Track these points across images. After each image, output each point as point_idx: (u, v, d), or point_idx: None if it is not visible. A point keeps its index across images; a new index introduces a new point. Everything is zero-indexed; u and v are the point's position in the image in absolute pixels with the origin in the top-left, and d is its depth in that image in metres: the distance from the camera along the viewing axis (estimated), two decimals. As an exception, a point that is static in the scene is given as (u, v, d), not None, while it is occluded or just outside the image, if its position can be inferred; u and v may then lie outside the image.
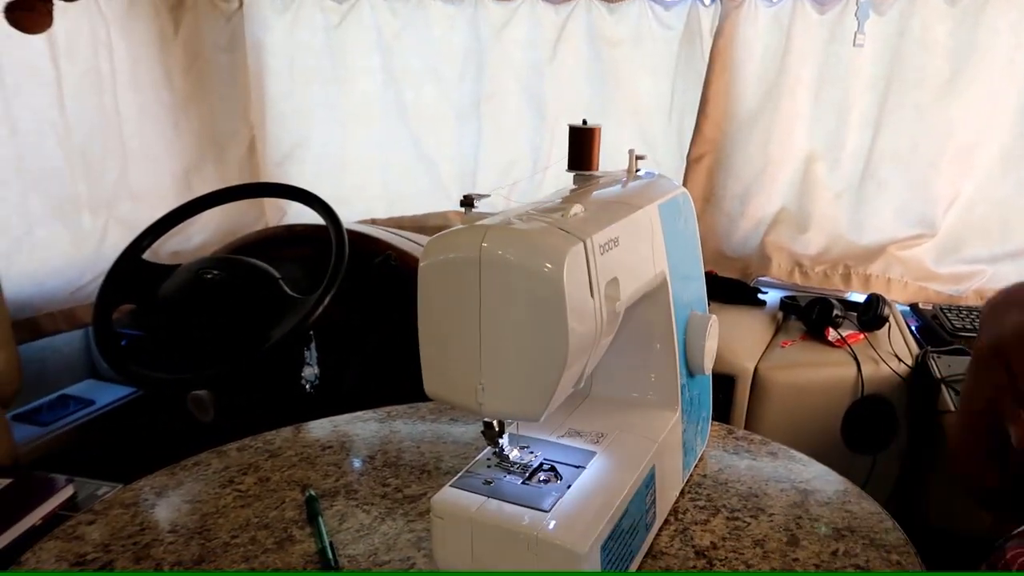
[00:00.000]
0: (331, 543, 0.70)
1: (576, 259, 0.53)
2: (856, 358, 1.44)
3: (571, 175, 0.72)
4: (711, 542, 0.70)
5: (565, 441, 0.72)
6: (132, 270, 1.26)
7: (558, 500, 0.62)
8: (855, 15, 1.62)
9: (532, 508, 0.61)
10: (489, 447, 0.66)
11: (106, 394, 1.94)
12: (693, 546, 0.69)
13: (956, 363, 1.35)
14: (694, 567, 0.67)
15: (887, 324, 1.56)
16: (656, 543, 0.69)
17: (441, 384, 0.57)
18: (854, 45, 1.63)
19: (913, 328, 1.63)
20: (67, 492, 1.26)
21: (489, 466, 0.67)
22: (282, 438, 0.93)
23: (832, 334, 1.53)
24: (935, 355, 1.40)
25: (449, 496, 0.63)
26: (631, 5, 1.81)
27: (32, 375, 1.78)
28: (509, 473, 0.66)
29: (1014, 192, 1.63)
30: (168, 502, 0.80)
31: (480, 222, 0.56)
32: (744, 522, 0.73)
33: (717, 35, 1.72)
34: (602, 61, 1.86)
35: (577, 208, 0.58)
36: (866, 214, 1.74)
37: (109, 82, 1.78)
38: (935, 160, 1.66)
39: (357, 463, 0.87)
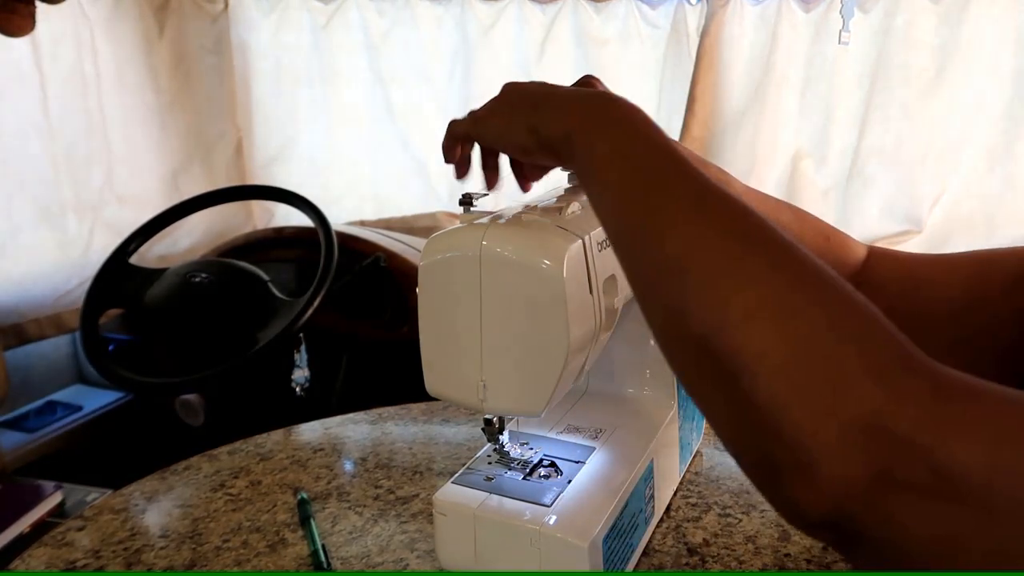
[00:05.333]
0: (323, 545, 0.70)
1: (575, 256, 0.53)
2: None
3: (562, 174, 0.72)
4: (703, 539, 0.70)
5: (564, 437, 0.72)
6: (119, 274, 1.25)
7: (559, 495, 0.62)
8: (840, 13, 1.63)
9: (534, 503, 0.61)
10: (489, 444, 0.67)
11: (94, 399, 1.93)
12: (686, 543, 0.69)
13: (944, 358, 1.36)
14: (687, 564, 0.67)
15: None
16: (649, 541, 0.70)
17: (442, 382, 0.58)
18: (839, 43, 1.64)
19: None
20: (56, 499, 1.26)
21: (490, 463, 0.67)
22: (273, 441, 0.93)
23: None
24: (923, 350, 1.41)
25: (451, 493, 0.63)
26: (618, 4, 1.81)
27: (19, 381, 1.77)
28: (510, 469, 0.66)
29: (999, 188, 1.65)
30: (159, 507, 0.79)
31: (479, 220, 0.56)
32: (736, 518, 0.73)
33: (703, 34, 1.73)
34: (589, 60, 1.86)
35: (575, 206, 0.59)
36: (853, 211, 1.76)
37: (94, 84, 1.77)
38: (921, 157, 1.67)
39: (349, 465, 0.87)
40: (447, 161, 0.56)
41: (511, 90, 0.51)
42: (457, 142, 0.54)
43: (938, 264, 0.60)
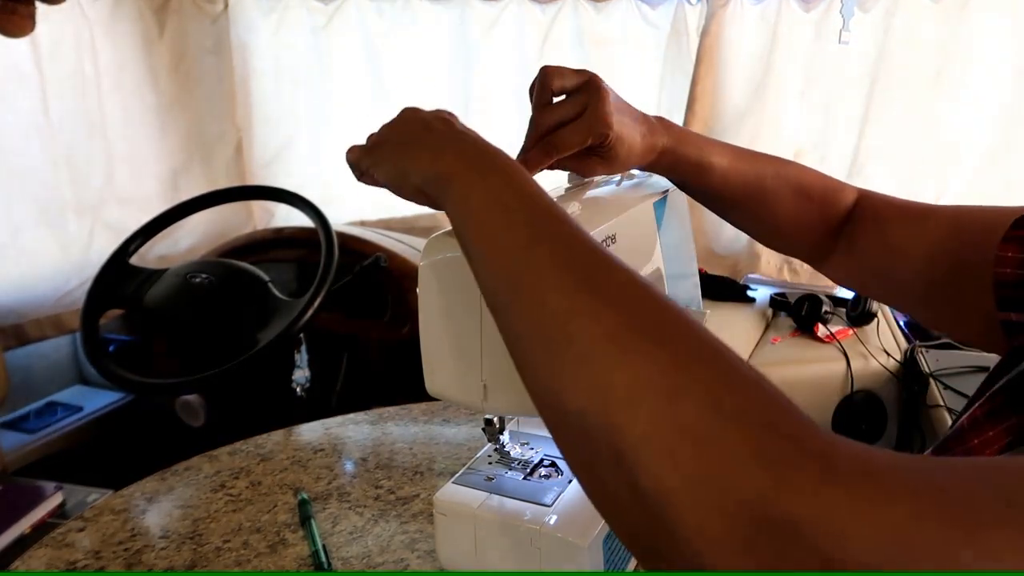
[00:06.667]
0: (324, 546, 0.70)
1: None
2: (845, 354, 1.44)
3: (562, 174, 0.72)
4: (705, 539, 0.70)
5: None
6: (120, 275, 1.25)
7: (559, 495, 0.62)
8: (840, 12, 1.63)
9: (534, 503, 0.61)
10: (490, 444, 0.67)
11: (95, 400, 1.93)
12: (687, 543, 0.69)
13: (944, 357, 1.36)
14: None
15: (875, 319, 1.57)
16: (650, 541, 0.70)
17: (443, 382, 0.58)
18: (839, 42, 1.64)
19: (901, 323, 1.65)
20: (56, 499, 1.26)
21: (491, 463, 0.68)
22: (273, 441, 0.93)
23: (821, 330, 1.54)
24: (923, 349, 1.41)
25: (452, 493, 0.63)
26: (618, 4, 1.81)
27: (19, 382, 1.77)
28: (510, 469, 0.66)
29: (1000, 187, 1.65)
30: (159, 508, 0.79)
31: None
32: (737, 518, 0.73)
33: (704, 34, 1.73)
34: (589, 60, 1.86)
35: (574, 206, 0.59)
36: (853, 210, 1.76)
37: (94, 85, 1.77)
38: (921, 156, 1.67)
39: (349, 465, 0.87)
40: (362, 183, 0.55)
41: (405, 123, 0.50)
42: (355, 168, 0.54)
43: (915, 222, 0.59)
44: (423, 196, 0.46)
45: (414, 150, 0.46)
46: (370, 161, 0.51)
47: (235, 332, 1.21)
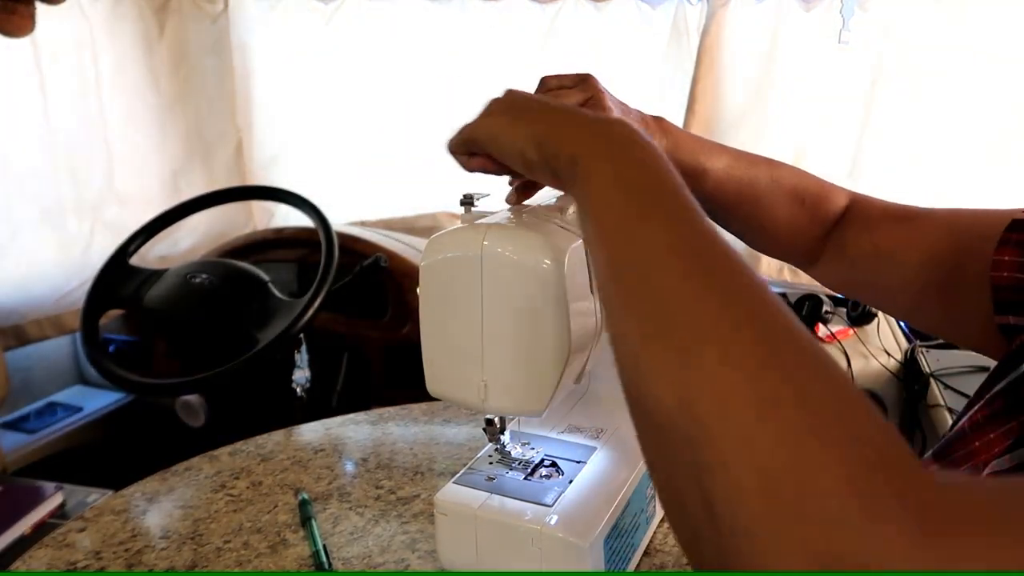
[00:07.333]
0: (325, 546, 0.70)
1: (576, 256, 0.53)
2: (846, 354, 1.44)
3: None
4: (705, 539, 0.70)
5: (565, 437, 0.72)
6: (120, 275, 1.25)
7: (560, 495, 0.62)
8: (840, 12, 1.63)
9: (535, 503, 0.61)
10: (490, 444, 0.67)
11: (95, 400, 1.93)
12: (687, 543, 0.69)
13: (945, 357, 1.36)
14: (688, 564, 0.67)
15: (876, 319, 1.57)
16: (651, 540, 0.70)
17: (444, 382, 0.58)
18: (839, 42, 1.64)
19: (902, 323, 1.65)
20: (56, 500, 1.26)
21: (491, 463, 0.67)
22: (274, 442, 0.93)
23: (822, 330, 1.54)
24: (924, 349, 1.41)
25: (452, 493, 0.63)
26: (617, 4, 1.81)
27: (19, 382, 1.77)
28: (511, 469, 0.66)
29: (1000, 188, 1.65)
30: (159, 508, 0.79)
31: (480, 221, 0.56)
32: (738, 518, 0.73)
33: (704, 33, 1.73)
34: (589, 60, 1.87)
35: (572, 209, 0.59)
36: (854, 210, 1.75)
37: (94, 85, 1.77)
38: (921, 157, 1.67)
39: (350, 466, 0.87)
40: (470, 170, 0.52)
41: (517, 96, 0.48)
42: (464, 148, 0.50)
43: (906, 227, 0.59)
44: (549, 171, 0.43)
45: (552, 125, 0.43)
46: (499, 125, 0.47)
47: (235, 332, 1.21)
